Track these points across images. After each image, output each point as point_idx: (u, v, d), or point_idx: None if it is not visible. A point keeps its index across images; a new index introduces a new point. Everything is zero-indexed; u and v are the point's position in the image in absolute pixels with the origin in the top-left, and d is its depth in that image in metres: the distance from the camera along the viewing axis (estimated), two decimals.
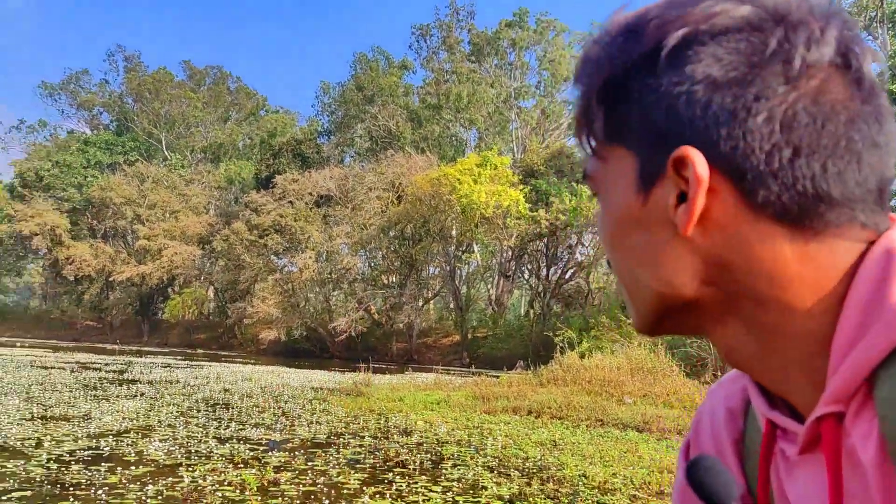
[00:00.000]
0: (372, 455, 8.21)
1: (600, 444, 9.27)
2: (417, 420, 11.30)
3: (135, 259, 51.33)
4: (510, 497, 6.20)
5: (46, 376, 17.68)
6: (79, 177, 53.28)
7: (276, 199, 43.50)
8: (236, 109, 67.41)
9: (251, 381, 19.93)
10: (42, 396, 12.99)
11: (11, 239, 52.49)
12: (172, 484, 6.36)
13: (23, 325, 58.57)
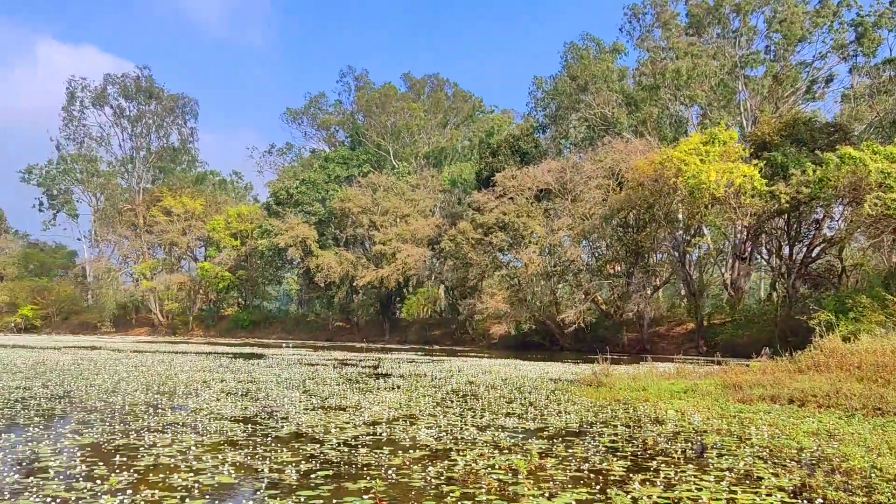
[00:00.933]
0: (629, 443, 8.23)
1: (885, 434, 8.47)
2: (668, 409, 11.09)
3: (373, 263, 55.42)
4: (793, 489, 5.91)
5: (314, 372, 19.76)
6: (322, 191, 58.75)
7: (497, 196, 44.62)
8: (454, 113, 70.30)
9: (491, 373, 20.71)
10: (316, 389, 14.57)
11: (270, 252, 59.16)
12: (449, 466, 6.89)
13: (285, 327, 65.81)
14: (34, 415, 10.19)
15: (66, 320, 73.27)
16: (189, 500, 5.49)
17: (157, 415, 10.31)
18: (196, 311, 70.83)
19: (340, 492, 5.81)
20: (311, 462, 7.04)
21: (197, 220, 68.84)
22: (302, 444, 8.12)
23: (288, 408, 11.37)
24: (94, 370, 18.68)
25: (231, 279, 65.00)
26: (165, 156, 77.93)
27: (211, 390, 13.87)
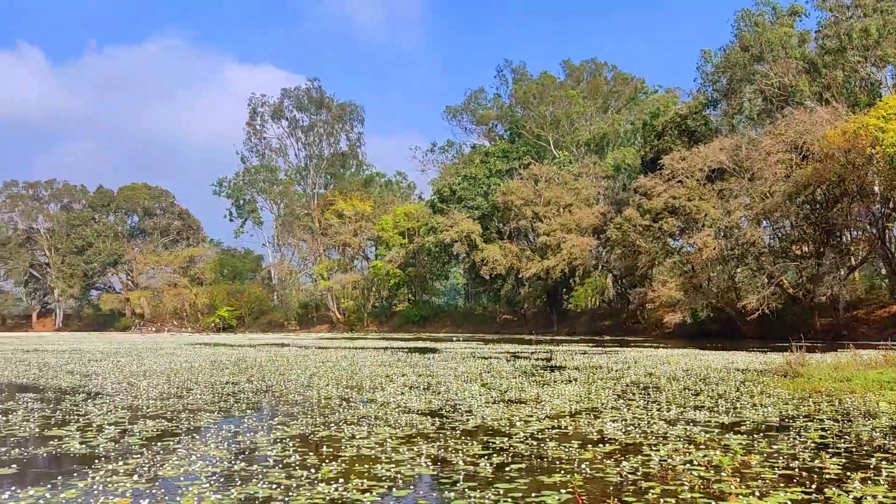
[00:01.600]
0: (841, 439, 7.65)
1: None
2: (879, 401, 10.18)
3: (538, 255, 55.35)
4: None
5: (489, 365, 20.10)
6: (484, 186, 59.57)
7: (665, 180, 42.97)
8: (615, 97, 68.55)
9: (670, 363, 20.02)
10: (494, 382, 14.81)
11: (437, 248, 60.84)
12: (643, 461, 6.76)
13: (454, 321, 67.49)
14: (245, 407, 11.18)
15: (257, 319, 79.53)
16: (395, 490, 5.79)
17: (351, 408, 10.94)
18: (370, 307, 74.31)
19: (536, 485, 5.88)
20: (503, 455, 7.17)
21: (367, 220, 72.19)
22: (490, 437, 8.30)
23: (470, 401, 11.65)
24: (287, 366, 20.16)
25: (401, 276, 67.54)
26: (336, 161, 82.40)
27: (394, 384, 14.50)
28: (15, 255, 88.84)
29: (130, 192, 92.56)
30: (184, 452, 7.36)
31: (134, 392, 13.25)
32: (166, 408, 10.98)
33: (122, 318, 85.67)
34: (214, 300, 79.99)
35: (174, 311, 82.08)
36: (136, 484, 5.95)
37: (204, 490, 5.76)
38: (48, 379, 16.27)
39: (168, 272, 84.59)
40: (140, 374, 17.29)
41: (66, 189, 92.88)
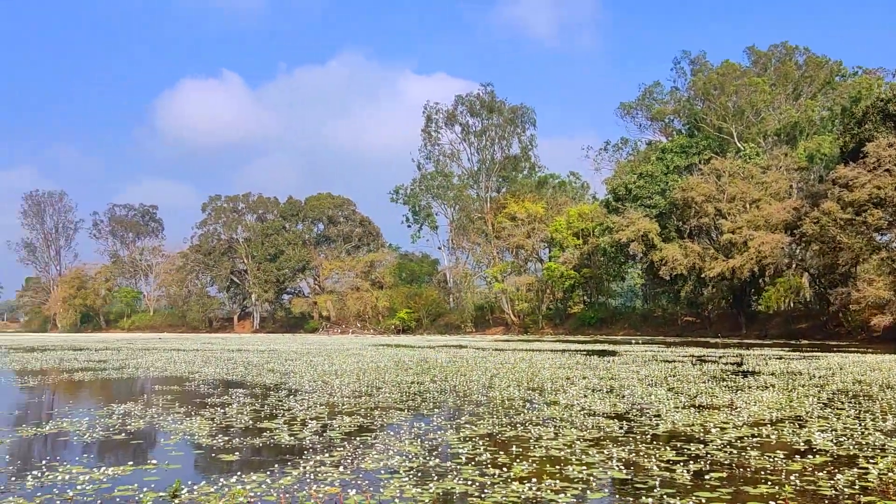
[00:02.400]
0: None
1: None
2: None
3: (722, 254, 52.41)
4: None
5: (674, 369, 19.33)
6: (661, 183, 57.37)
7: (868, 169, 39.12)
8: (807, 82, 63.37)
9: (881, 370, 18.21)
10: (681, 387, 14.23)
11: (612, 248, 59.41)
12: (859, 475, 6.21)
13: (632, 323, 65.57)
14: (432, 406, 11.58)
15: (434, 321, 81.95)
16: (590, 493, 5.75)
17: (534, 409, 10.99)
18: (544, 309, 74.05)
19: (741, 496, 5.59)
20: (699, 462, 6.89)
21: (539, 222, 72.04)
22: (682, 443, 8.00)
23: (658, 405, 11.28)
24: (467, 367, 20.61)
25: (576, 277, 66.70)
26: (508, 165, 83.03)
27: (576, 387, 14.37)
28: (218, 263, 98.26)
29: (316, 201, 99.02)
30: (381, 447, 7.76)
31: (329, 390, 14.15)
32: (359, 405, 11.62)
33: (311, 320, 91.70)
34: (394, 303, 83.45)
35: (357, 314, 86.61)
36: (341, 475, 6.37)
37: (404, 483, 6.05)
38: (253, 377, 17.80)
39: (351, 276, 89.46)
40: (332, 373, 18.44)
41: (260, 201, 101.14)
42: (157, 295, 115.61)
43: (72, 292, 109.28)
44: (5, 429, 9.33)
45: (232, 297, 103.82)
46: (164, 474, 6.46)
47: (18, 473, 6.55)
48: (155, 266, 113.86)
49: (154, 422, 9.78)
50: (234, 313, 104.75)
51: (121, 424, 9.52)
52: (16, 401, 13.42)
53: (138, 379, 17.76)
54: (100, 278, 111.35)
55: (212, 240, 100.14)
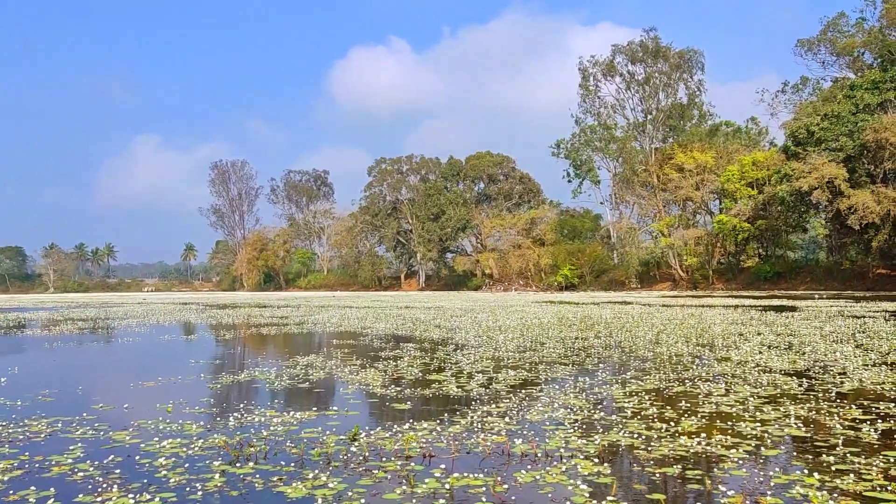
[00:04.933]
0: None
1: None
2: None
3: None
4: None
5: (863, 325, 17.86)
6: (849, 124, 52.16)
7: None
8: None
9: None
10: (871, 344, 13.17)
11: (792, 197, 55.18)
12: None
13: (814, 277, 60.89)
14: (597, 361, 11.55)
15: (598, 278, 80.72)
16: (764, 449, 5.55)
17: (704, 365, 10.64)
18: (714, 264, 70.62)
19: None
20: (889, 422, 6.40)
21: (709, 173, 68.37)
22: (871, 401, 7.45)
23: (843, 363, 10.53)
24: (632, 323, 20.23)
25: (749, 230, 62.85)
26: (674, 113, 79.07)
27: (750, 343, 13.72)
28: (385, 223, 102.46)
29: (476, 160, 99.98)
30: (546, 400, 7.89)
31: (493, 345, 14.49)
32: (524, 359, 11.82)
33: (474, 278, 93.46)
34: (556, 260, 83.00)
35: (519, 271, 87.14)
36: (507, 425, 6.57)
37: (569, 434, 6.14)
38: (421, 332, 18.56)
39: (512, 234, 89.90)
40: (496, 329, 18.82)
41: (423, 162, 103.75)
42: (330, 255, 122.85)
43: (255, 254, 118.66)
44: (209, 376, 10.48)
45: (399, 257, 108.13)
46: (343, 420, 6.99)
47: (222, 414, 7.37)
48: (327, 228, 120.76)
49: (333, 373, 10.54)
50: (401, 272, 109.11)
51: (304, 374, 10.36)
52: (215, 352, 14.96)
53: (316, 333, 19.13)
54: (278, 240, 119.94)
55: (378, 201, 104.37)
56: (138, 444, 5.99)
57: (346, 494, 4.53)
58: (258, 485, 4.79)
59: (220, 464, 5.26)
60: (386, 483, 4.80)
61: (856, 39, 63.85)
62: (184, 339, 18.53)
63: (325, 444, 5.86)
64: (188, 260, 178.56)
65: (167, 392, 8.93)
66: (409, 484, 4.73)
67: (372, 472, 5.07)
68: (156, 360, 14.01)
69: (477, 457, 5.49)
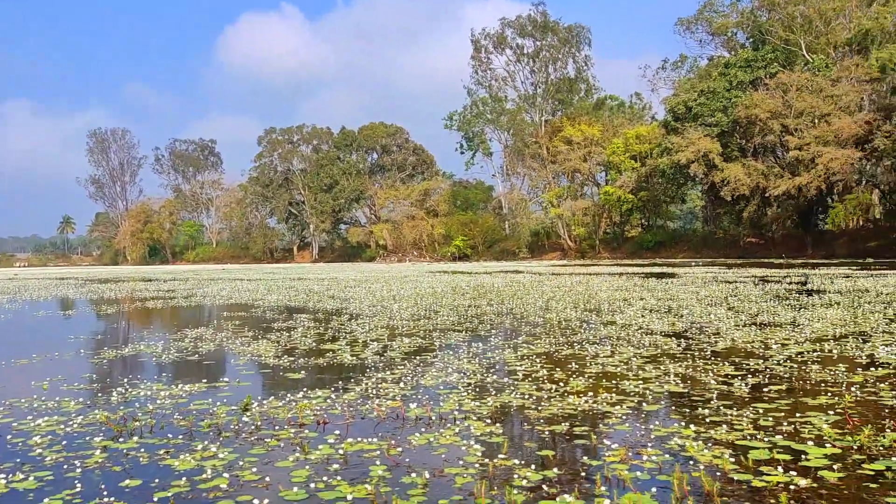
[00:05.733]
0: None
1: None
2: None
3: (787, 172, 50.69)
4: None
5: (735, 289, 19.08)
6: (723, 101, 55.16)
7: None
8: None
9: None
10: (742, 306, 14.07)
11: (671, 170, 57.96)
12: None
13: (691, 246, 64.52)
14: (490, 328, 11.77)
15: (490, 248, 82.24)
16: (645, 405, 5.83)
17: (591, 329, 11.06)
18: (601, 234, 73.42)
19: (799, 406, 5.59)
20: (758, 377, 6.88)
21: (596, 145, 70.68)
22: (742, 358, 7.97)
23: (717, 324, 11.22)
24: (523, 291, 20.75)
25: (633, 201, 65.66)
26: (563, 87, 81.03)
27: (633, 307, 14.36)
28: (276, 194, 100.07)
29: (370, 131, 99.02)
30: (440, 366, 7.97)
31: (388, 314, 14.49)
32: (418, 327, 11.89)
33: (368, 249, 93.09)
34: (449, 230, 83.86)
35: (413, 242, 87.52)
36: (402, 390, 6.59)
37: (462, 398, 6.23)
38: (315, 303, 18.31)
39: (406, 205, 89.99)
40: (390, 299, 18.82)
41: (314, 132, 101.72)
42: (219, 228, 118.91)
43: (139, 226, 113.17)
44: (90, 352, 9.92)
45: (291, 228, 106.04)
46: (235, 391, 6.80)
47: (104, 390, 7.00)
48: (215, 199, 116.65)
49: (223, 345, 10.23)
50: (293, 244, 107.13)
51: (193, 347, 10.00)
52: (96, 327, 14.19)
53: (206, 307, 18.50)
54: (164, 212, 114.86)
55: (269, 172, 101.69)
56: (10, 424, 5.61)
57: (237, 464, 4.42)
58: (143, 459, 4.59)
59: (102, 440, 5.00)
60: (279, 451, 4.71)
61: (730, 19, 67.35)
62: (61, 314, 17.47)
63: (216, 416, 5.69)
64: (65, 233, 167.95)
65: (43, 369, 8.39)
66: (303, 451, 4.67)
67: (264, 440, 4.97)
68: (30, 336, 13.13)
69: (372, 422, 5.48)
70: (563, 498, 3.68)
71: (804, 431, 4.84)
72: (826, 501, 3.60)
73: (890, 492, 3.68)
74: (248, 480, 4.12)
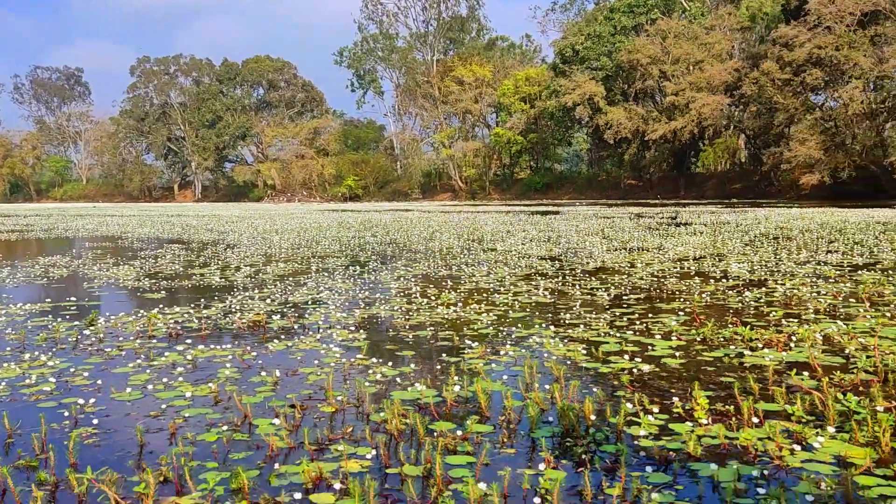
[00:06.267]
0: None
1: None
2: None
3: (665, 116, 52.67)
4: None
5: (611, 223, 19.79)
6: (608, 45, 56.28)
7: (809, 28, 38.98)
8: None
9: (804, 219, 18.98)
10: (616, 235, 14.60)
11: (559, 112, 58.96)
12: (767, 293, 6.52)
13: (577, 187, 66.44)
14: (371, 254, 11.64)
15: (382, 189, 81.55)
16: (512, 313, 5.90)
17: (472, 254, 11.14)
18: (491, 175, 74.24)
19: (654, 310, 5.81)
20: (621, 288, 7.12)
21: (487, 87, 70.75)
22: (609, 275, 8.24)
23: (591, 249, 11.57)
24: (411, 225, 20.70)
25: (523, 143, 66.55)
26: (455, 26, 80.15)
27: (515, 237, 14.61)
28: (153, 129, 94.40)
29: (255, 64, 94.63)
30: (312, 285, 7.79)
31: (267, 244, 14.07)
32: (297, 255, 11.60)
33: (255, 189, 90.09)
34: (340, 171, 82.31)
35: (303, 182, 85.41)
36: (268, 307, 6.38)
37: (330, 311, 6.09)
38: (191, 235, 17.56)
39: (295, 144, 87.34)
40: (272, 231, 18.32)
41: (193, 63, 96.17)
42: (90, 164, 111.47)
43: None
44: None
45: (171, 166, 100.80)
46: (82, 309, 6.37)
47: None
48: (84, 133, 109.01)
49: (79, 270, 9.59)
50: (174, 182, 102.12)
51: (44, 272, 9.32)
52: None
53: (68, 239, 17.35)
54: (26, 146, 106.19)
55: (144, 104, 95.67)
56: None
57: (67, 371, 4.11)
58: None
59: None
60: (119, 359, 4.42)
61: None
62: None
63: (54, 330, 5.28)
64: None
65: None
66: (149, 358, 4.41)
67: (105, 351, 4.65)
68: None
69: (230, 333, 5.26)
70: (414, 388, 3.64)
71: (654, 329, 5.03)
72: (665, 381, 3.74)
73: (726, 373, 3.86)
74: (77, 385, 3.84)
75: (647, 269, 8.58)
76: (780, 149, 41.88)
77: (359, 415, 3.28)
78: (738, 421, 2.98)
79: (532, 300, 6.52)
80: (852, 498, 2.32)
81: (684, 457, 2.66)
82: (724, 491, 2.36)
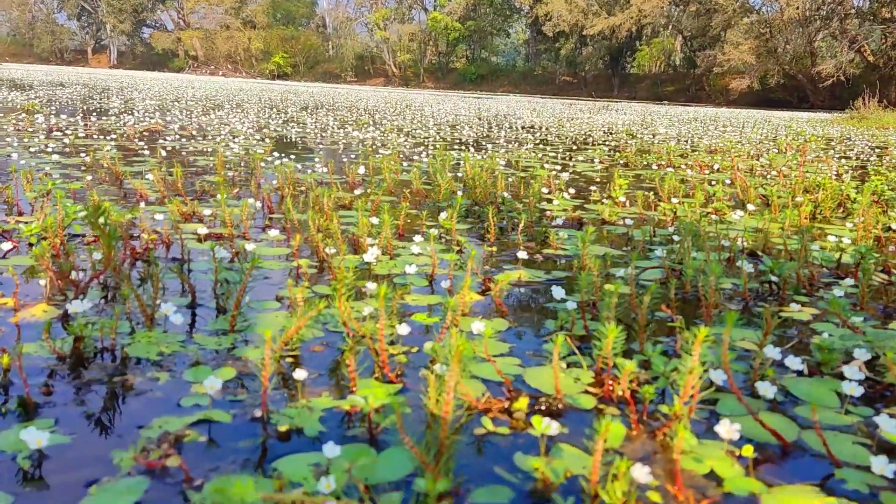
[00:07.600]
0: None
1: None
2: None
3: (605, 11, 51.90)
4: None
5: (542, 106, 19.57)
6: None
7: None
8: None
9: (731, 115, 19.27)
10: (547, 111, 14.42)
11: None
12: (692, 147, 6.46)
13: (512, 81, 65.50)
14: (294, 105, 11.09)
15: (312, 69, 78.43)
16: (434, 145, 5.64)
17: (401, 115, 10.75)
18: (427, 63, 72.32)
19: (581, 149, 5.67)
20: (548, 137, 6.95)
21: None
22: (537, 130, 8.06)
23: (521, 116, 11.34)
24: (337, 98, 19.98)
25: (460, 30, 64.71)
26: None
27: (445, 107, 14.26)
28: None
29: None
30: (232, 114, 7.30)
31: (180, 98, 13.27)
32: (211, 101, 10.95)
33: (176, 59, 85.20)
34: (268, 46, 78.45)
35: (228, 55, 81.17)
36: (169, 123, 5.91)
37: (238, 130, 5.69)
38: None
39: (219, 13, 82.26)
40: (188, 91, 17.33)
41: None
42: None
43: None
44: None
45: (84, 27, 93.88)
46: None
47: None
48: None
49: None
50: (87, 45, 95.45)
51: None
52: None
53: None
54: None
55: None
56: None
57: None
58: None
59: None
60: None
61: None
62: None
63: None
64: None
65: None
66: None
67: None
68: None
69: (120, 136, 4.81)
70: (317, 171, 3.37)
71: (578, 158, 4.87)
72: (584, 184, 3.59)
73: (648, 182, 3.74)
74: None
75: (577, 130, 8.44)
76: (714, 52, 42.08)
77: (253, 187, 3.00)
78: (659, 201, 2.86)
79: (455, 138, 6.28)
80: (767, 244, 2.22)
81: (598, 221, 2.51)
82: (636, 242, 2.23)
